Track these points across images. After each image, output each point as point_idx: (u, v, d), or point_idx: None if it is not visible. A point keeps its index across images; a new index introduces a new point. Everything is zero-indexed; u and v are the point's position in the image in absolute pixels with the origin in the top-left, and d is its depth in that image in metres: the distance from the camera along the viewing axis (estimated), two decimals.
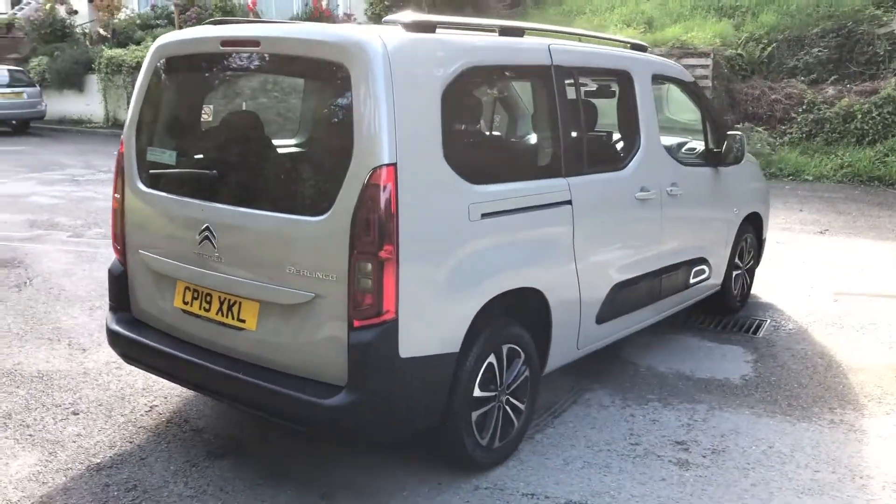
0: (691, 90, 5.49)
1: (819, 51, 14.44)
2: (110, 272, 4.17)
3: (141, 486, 3.65)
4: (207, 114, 3.77)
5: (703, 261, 5.48)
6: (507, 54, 3.90)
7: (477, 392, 3.64)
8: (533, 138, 4.36)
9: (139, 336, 3.92)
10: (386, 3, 15.64)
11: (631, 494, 3.66)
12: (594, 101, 4.68)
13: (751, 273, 6.39)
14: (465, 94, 3.66)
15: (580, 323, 4.29)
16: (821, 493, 3.69)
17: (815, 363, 5.30)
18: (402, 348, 3.23)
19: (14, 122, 18.84)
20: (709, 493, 3.69)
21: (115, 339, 4.05)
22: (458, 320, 3.46)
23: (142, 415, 4.37)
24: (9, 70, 19.82)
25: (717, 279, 5.78)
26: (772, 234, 8.90)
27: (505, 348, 3.78)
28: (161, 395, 4.58)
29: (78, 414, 4.37)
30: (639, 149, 4.68)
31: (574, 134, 4.20)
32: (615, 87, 4.72)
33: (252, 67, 3.62)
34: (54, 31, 22.59)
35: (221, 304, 3.61)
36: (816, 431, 4.31)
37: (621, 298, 4.59)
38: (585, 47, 4.56)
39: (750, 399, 4.72)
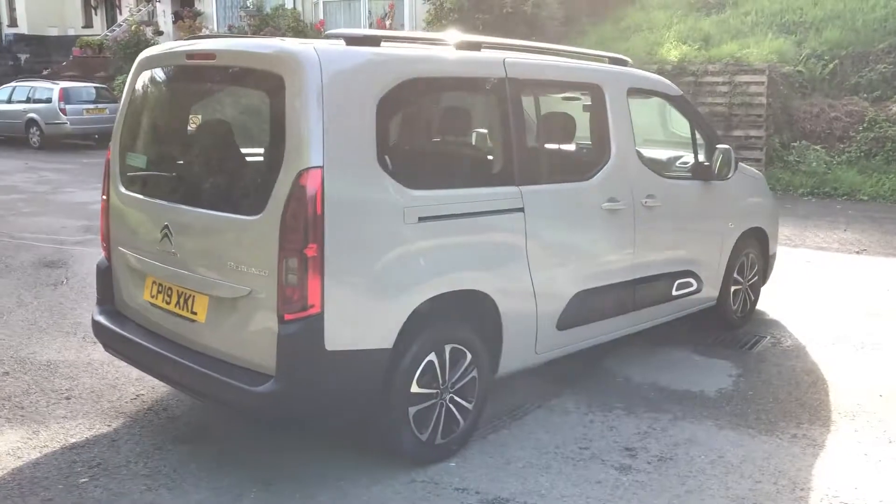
0: (678, 104, 5.52)
1: (884, 67, 14.01)
2: (97, 267, 4.52)
3: (104, 464, 3.95)
4: (172, 121, 4.09)
5: (689, 273, 5.49)
6: (455, 67, 4.08)
7: (415, 388, 3.81)
8: (483, 147, 4.51)
9: (116, 327, 4.25)
10: (443, 21, 15.96)
11: (561, 494, 3.75)
12: (570, 113, 4.80)
13: (754, 289, 6.32)
14: (405, 104, 3.85)
15: (538, 328, 4.39)
16: (752, 503, 3.69)
17: (800, 380, 5.23)
18: (328, 341, 3.43)
19: (97, 136, 19.97)
20: (639, 497, 3.74)
21: (97, 329, 4.39)
22: (391, 318, 3.64)
23: (126, 402, 4.69)
24: (95, 87, 21.08)
25: (710, 293, 5.77)
26: (805, 253, 8.80)
27: (448, 348, 3.93)
28: (150, 385, 4.89)
29: (70, 399, 4.73)
30: (608, 161, 4.77)
31: (530, 144, 4.33)
32: (586, 101, 4.82)
33: (209, 78, 3.92)
34: (139, 51, 23.84)
35: (179, 297, 3.89)
36: (774, 445, 4.29)
37: (587, 306, 4.67)
38: (549, 61, 4.69)
39: (718, 411, 4.71)
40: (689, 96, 13.73)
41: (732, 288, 6.04)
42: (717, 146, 5.48)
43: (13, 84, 21.62)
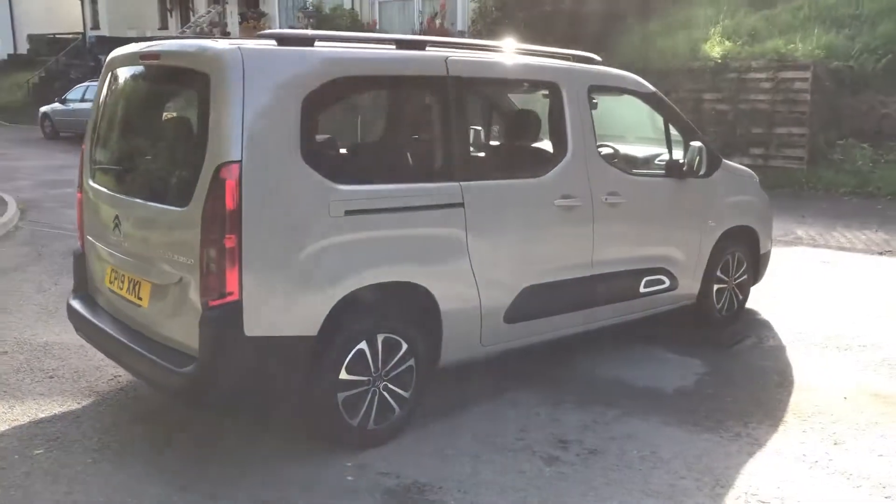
0: (651, 101, 5.51)
1: None
2: (73, 255, 4.83)
3: (62, 438, 4.24)
4: (126, 117, 4.34)
5: (661, 270, 5.48)
6: (391, 66, 4.21)
7: (344, 375, 3.96)
8: (418, 144, 4.62)
9: (84, 311, 4.54)
10: (487, 20, 16.05)
11: (480, 481, 3.85)
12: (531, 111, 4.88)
13: (742, 288, 6.24)
14: (333, 102, 4.02)
15: (482, 321, 4.49)
16: (667, 498, 3.72)
17: (768, 380, 5.17)
18: (248, 327, 3.61)
19: None
20: (556, 488, 3.81)
21: (70, 313, 4.70)
22: (314, 307, 3.80)
23: (103, 383, 4.99)
24: None
25: (688, 291, 5.74)
26: (824, 253, 8.61)
27: (381, 337, 4.07)
28: None
29: (53, 378, 5.06)
30: (564, 158, 4.82)
31: (476, 141, 4.43)
32: (545, 98, 4.88)
33: (154, 78, 4.16)
34: None
35: (129, 283, 4.16)
36: (713, 443, 4.28)
37: (539, 301, 4.74)
38: (498, 60, 4.76)
39: (669, 408, 4.71)
40: (731, 93, 13.72)
41: (716, 286, 5.99)
42: (692, 143, 5.46)
43: (86, 83, 22.67)
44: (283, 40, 3.88)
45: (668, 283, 5.55)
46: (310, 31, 4.05)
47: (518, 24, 15.30)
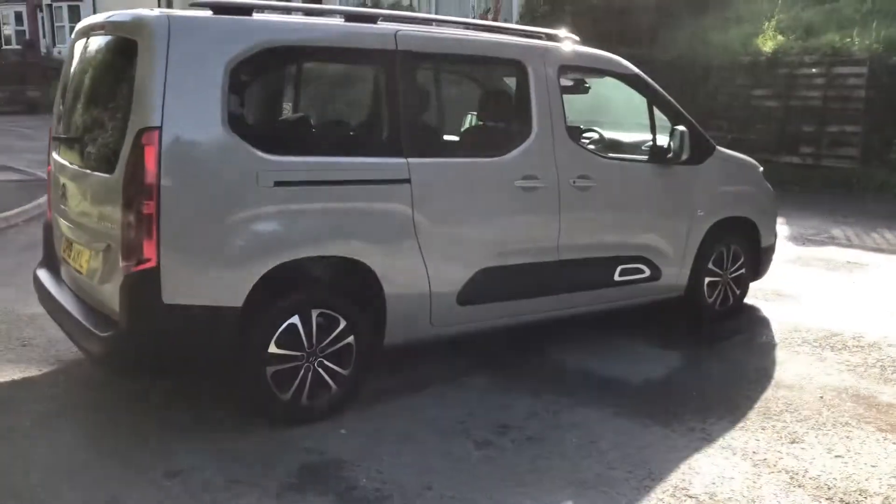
0: (633, 83, 5.30)
1: None
2: (43, 227, 4.93)
3: (7, 402, 4.33)
4: (77, 88, 4.39)
5: (640, 259, 5.27)
6: (331, 37, 4.15)
7: (273, 349, 3.92)
8: (361, 117, 4.54)
9: (45, 282, 4.63)
10: (536, 14, 15.86)
11: (400, 462, 3.75)
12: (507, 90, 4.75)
13: (739, 282, 5.96)
14: (265, 71, 3.97)
15: (431, 301, 4.39)
16: (590, 488, 3.56)
17: (744, 377, 4.91)
18: (166, 294, 3.61)
19: None
20: (476, 470, 3.70)
21: (34, 283, 4.80)
22: (238, 277, 3.77)
23: (70, 353, 5.07)
24: None
25: (673, 282, 5.51)
26: (854, 253, 8.19)
27: (315, 312, 4.01)
28: None
29: (25, 346, 5.18)
30: (528, 138, 4.68)
31: (427, 117, 4.33)
32: (508, 77, 4.75)
33: (100, 48, 4.19)
34: None
35: (73, 251, 4.22)
36: (660, 436, 4.08)
37: (495, 284, 4.62)
38: (457, 35, 4.64)
39: (628, 400, 4.52)
40: (782, 89, 13.18)
41: (707, 279, 5.74)
42: (675, 128, 5.23)
43: None
44: (218, 9, 3.86)
45: (648, 272, 5.33)
46: (251, 1, 3.99)
47: (565, 18, 15.03)
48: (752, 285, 6.39)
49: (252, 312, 3.84)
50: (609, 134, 5.78)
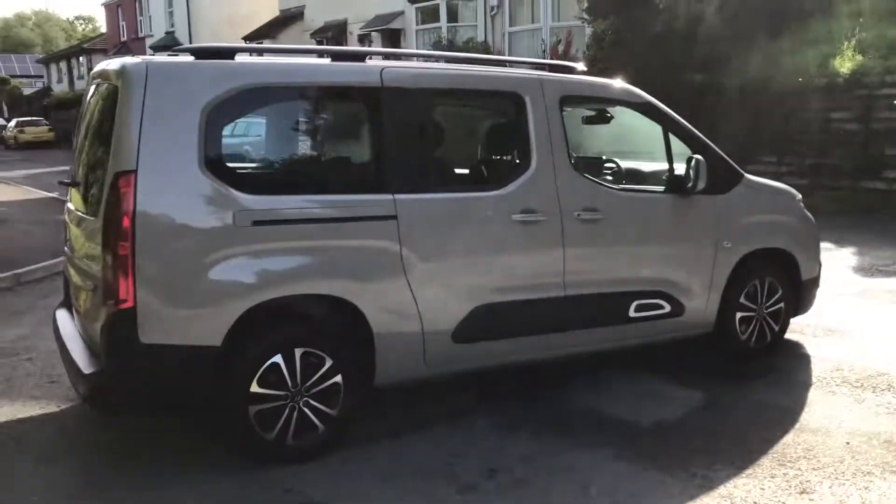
0: (647, 111, 5.11)
1: None
2: (63, 268, 5.12)
3: (23, 439, 4.48)
4: (82, 131, 4.55)
5: (658, 294, 5.04)
6: (314, 76, 4.16)
7: (255, 388, 3.92)
8: (345, 155, 4.51)
9: (59, 322, 4.78)
10: (602, 44, 15.66)
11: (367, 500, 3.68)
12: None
13: (776, 317, 5.61)
14: (244, 112, 4.01)
15: (424, 339, 4.31)
16: None
17: (767, 419, 4.60)
18: (143, 334, 3.67)
19: None
20: None
21: (53, 324, 4.96)
22: (217, 317, 3.79)
23: None
24: None
25: (699, 318, 5.24)
26: None
27: (299, 351, 4.00)
28: None
29: (54, 383, 5.35)
30: (527, 171, 4.57)
31: (413, 153, 4.29)
32: (505, 109, 4.67)
33: (98, 95, 4.32)
34: None
35: (76, 291, 4.35)
36: (657, 482, 3.86)
37: (495, 321, 4.50)
38: (445, 70, 4.59)
39: (631, 443, 4.29)
40: (861, 111, 12.54)
41: (739, 314, 5.43)
42: (692, 157, 5.00)
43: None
44: (200, 54, 3.95)
45: (668, 308, 5.08)
46: (234, 45, 4.07)
47: (629, 48, 14.81)
48: (802, 320, 6.08)
49: (233, 351, 3.85)
50: (631, 164, 5.59)
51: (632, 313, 4.96)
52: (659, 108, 5.14)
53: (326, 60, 4.29)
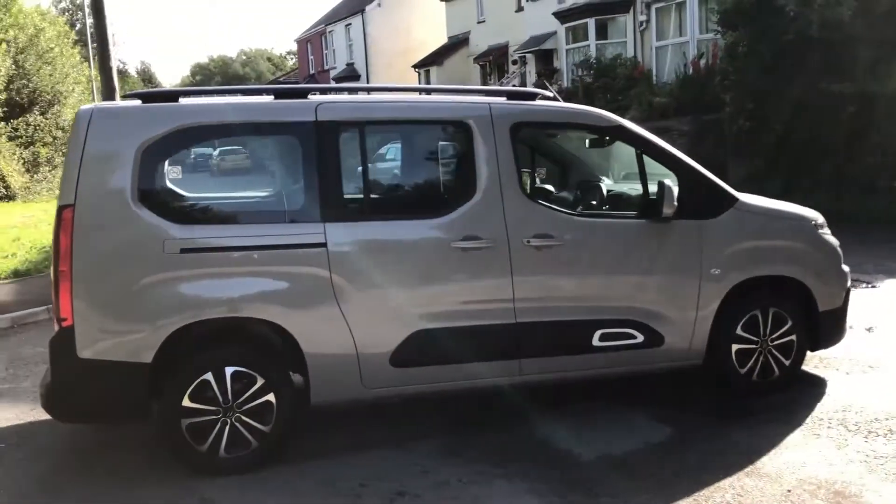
0: (617, 134, 4.94)
1: None
2: None
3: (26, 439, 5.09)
4: None
5: (628, 323, 4.85)
6: (248, 114, 4.44)
7: (187, 402, 4.24)
8: (280, 186, 4.69)
9: None
10: (736, 54, 14.89)
11: None
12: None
13: (785, 351, 5.19)
14: (179, 150, 4.36)
15: (360, 362, 4.45)
16: None
17: (721, 461, 4.29)
18: (80, 350, 4.10)
19: None
20: None
21: None
22: (146, 336, 4.14)
23: None
24: None
25: (683, 348, 4.97)
26: None
27: (229, 370, 4.28)
28: None
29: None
30: (472, 198, 4.60)
31: (346, 183, 4.46)
32: (451, 137, 4.72)
33: None
34: None
35: None
36: None
37: (437, 346, 4.54)
38: (386, 102, 4.69)
39: (560, 476, 4.18)
40: None
41: (736, 347, 5.09)
42: (660, 181, 4.79)
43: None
44: (146, 98, 4.37)
45: (641, 338, 4.87)
46: (178, 88, 4.48)
47: (761, 58, 13.99)
48: (842, 353, 5.77)
49: (165, 368, 4.20)
50: (620, 188, 5.42)
51: (596, 342, 4.81)
52: (631, 130, 4.97)
53: (269, 98, 4.58)
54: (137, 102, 4.39)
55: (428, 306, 4.55)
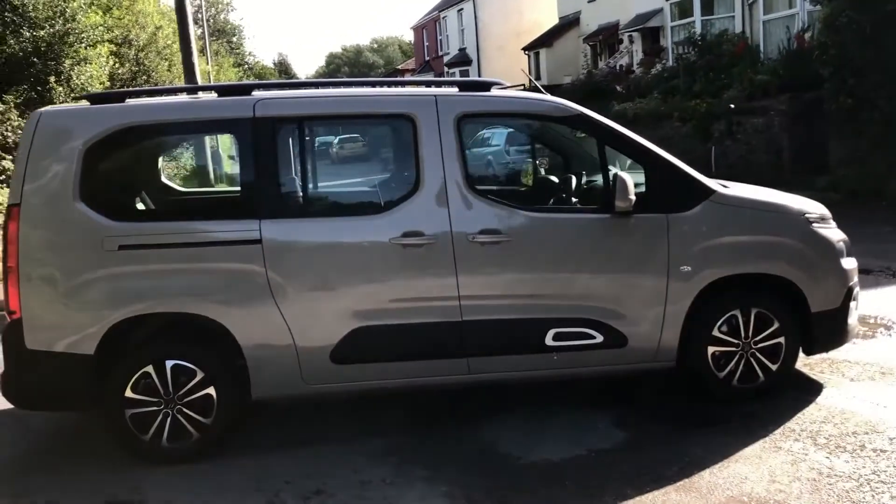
0: (577, 125, 4.70)
1: None
2: None
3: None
4: None
5: (584, 322, 4.61)
6: (186, 112, 4.50)
7: (129, 393, 4.39)
8: (217, 182, 4.71)
9: None
10: (834, 25, 13.78)
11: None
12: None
13: (772, 355, 4.79)
14: (117, 149, 4.45)
15: (299, 358, 4.46)
16: None
17: (661, 471, 4.03)
18: (28, 341, 4.31)
19: None
20: None
21: None
22: (88, 329, 4.30)
23: None
24: None
25: (650, 349, 4.68)
26: None
27: (169, 364, 4.40)
28: None
29: None
30: (415, 193, 4.50)
31: (283, 179, 4.46)
32: (394, 131, 4.62)
33: None
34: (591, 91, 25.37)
35: None
36: None
37: (378, 343, 4.49)
38: (325, 97, 4.61)
39: (483, 481, 4.05)
40: None
41: (712, 349, 4.76)
42: (616, 173, 4.52)
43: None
44: (94, 99, 4.53)
45: (600, 337, 4.62)
46: (123, 90, 4.61)
47: (861, 31, 12.93)
48: (856, 356, 5.42)
49: (107, 360, 4.37)
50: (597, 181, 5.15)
51: (549, 342, 4.60)
52: (592, 120, 4.70)
53: (213, 95, 4.64)
54: (86, 104, 4.56)
55: (368, 303, 4.49)
